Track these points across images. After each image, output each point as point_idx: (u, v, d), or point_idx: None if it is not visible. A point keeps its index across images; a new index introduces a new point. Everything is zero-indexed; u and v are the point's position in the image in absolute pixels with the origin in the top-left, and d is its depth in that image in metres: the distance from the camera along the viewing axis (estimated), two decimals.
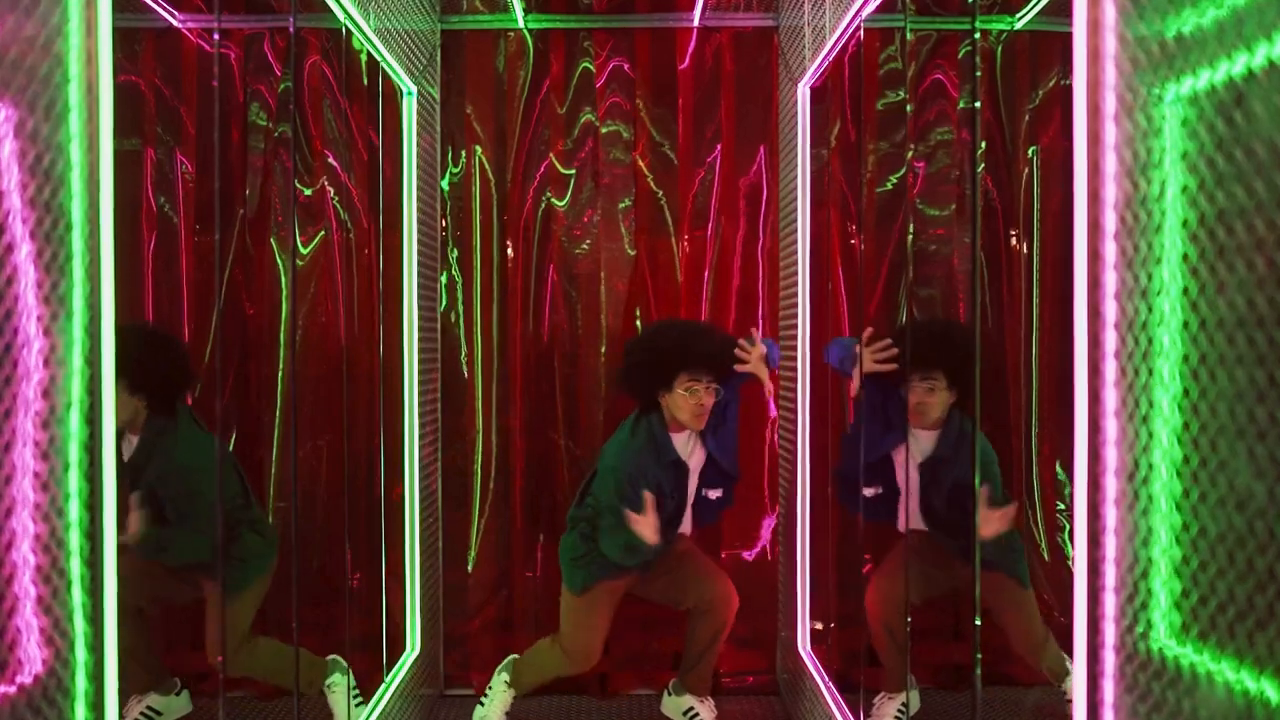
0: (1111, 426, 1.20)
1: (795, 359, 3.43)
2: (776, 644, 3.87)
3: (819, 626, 3.34)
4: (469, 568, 3.85)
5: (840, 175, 3.22)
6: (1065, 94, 2.68)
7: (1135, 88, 1.20)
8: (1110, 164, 1.19)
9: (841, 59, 3.02)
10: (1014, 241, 2.61)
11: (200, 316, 2.35)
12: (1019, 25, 2.70)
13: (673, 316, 3.77)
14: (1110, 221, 1.19)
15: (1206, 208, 1.13)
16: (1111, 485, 1.21)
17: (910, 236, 2.66)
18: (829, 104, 3.21)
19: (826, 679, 3.11)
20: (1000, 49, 2.75)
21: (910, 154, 2.75)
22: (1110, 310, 1.20)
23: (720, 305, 3.84)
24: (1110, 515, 1.21)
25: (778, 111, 3.79)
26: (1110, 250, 1.20)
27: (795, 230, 3.43)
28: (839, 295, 3.22)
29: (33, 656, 1.24)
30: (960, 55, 3.00)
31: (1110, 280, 1.20)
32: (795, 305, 3.42)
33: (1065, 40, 2.82)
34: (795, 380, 3.43)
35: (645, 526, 3.01)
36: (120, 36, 2.50)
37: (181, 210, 2.43)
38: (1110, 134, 1.20)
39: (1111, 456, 1.20)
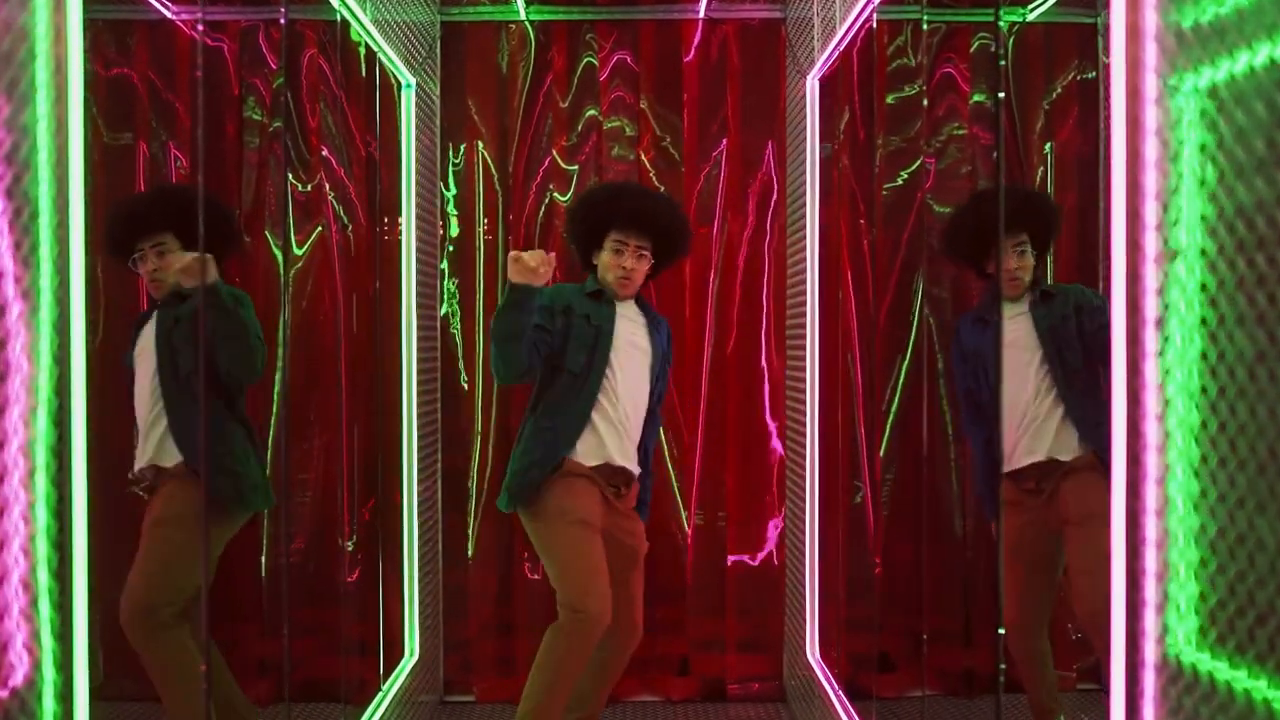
0: (1153, 430, 1.12)
1: (804, 360, 3.35)
2: (783, 650, 3.80)
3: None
4: (468, 571, 3.77)
5: (850, 170, 3.15)
6: (1083, 87, 2.62)
7: (1177, 70, 1.12)
8: (1152, 150, 1.11)
9: (851, 51, 2.94)
10: None
11: None
12: (1031, 17, 2.63)
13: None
14: (1152, 212, 1.12)
15: (1226, 201, 1.09)
16: (1152, 494, 1.13)
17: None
18: (838, 97, 3.13)
19: (835, 686, 3.04)
20: (1012, 41, 2.69)
21: (924, 148, 2.69)
22: (1151, 307, 1.13)
23: (726, 303, 3.76)
24: (1151, 526, 1.13)
25: (785, 105, 3.72)
26: (1151, 242, 1.12)
27: (804, 227, 3.36)
28: (848, 293, 3.15)
29: (9, 672, 1.17)
30: (973, 49, 2.93)
31: (1151, 274, 1.12)
32: (804, 303, 3.34)
33: (1081, 32, 2.75)
34: (803, 383, 3.35)
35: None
36: (113, 29, 2.43)
37: None
38: (1151, 118, 1.12)
39: (1152, 462, 1.12)
